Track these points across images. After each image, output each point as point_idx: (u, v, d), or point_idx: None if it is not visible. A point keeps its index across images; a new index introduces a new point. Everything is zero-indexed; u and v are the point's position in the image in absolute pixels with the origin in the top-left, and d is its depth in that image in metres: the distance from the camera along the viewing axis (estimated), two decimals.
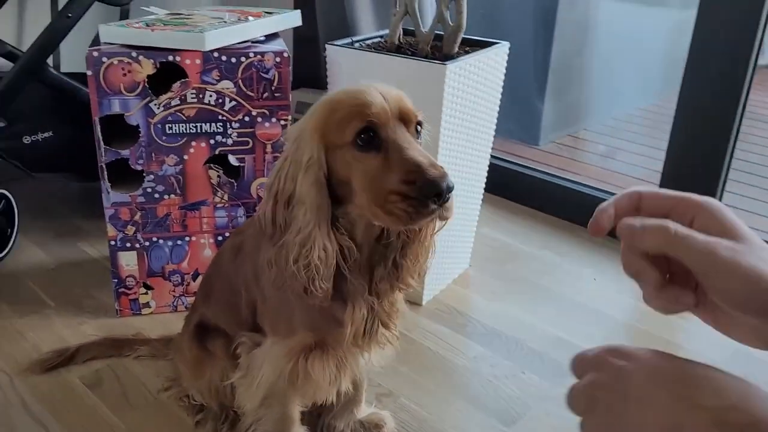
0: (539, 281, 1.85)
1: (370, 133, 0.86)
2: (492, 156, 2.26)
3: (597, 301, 1.75)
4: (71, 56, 2.11)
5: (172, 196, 1.53)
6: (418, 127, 0.92)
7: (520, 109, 3.06)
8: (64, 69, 2.05)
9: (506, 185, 2.31)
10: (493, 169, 1.83)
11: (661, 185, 1.98)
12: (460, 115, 1.57)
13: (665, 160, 1.97)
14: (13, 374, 1.41)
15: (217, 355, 1.21)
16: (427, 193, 0.81)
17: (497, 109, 1.74)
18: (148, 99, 1.42)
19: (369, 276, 0.98)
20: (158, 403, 1.35)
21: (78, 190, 2.26)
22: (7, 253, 1.85)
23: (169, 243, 1.58)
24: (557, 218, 2.20)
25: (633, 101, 3.51)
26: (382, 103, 0.87)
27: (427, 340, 1.58)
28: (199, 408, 1.29)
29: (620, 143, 3.22)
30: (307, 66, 2.59)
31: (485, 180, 1.84)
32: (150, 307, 1.64)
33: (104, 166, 1.46)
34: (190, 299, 1.62)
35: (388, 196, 0.83)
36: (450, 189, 0.82)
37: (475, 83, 1.58)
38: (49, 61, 1.95)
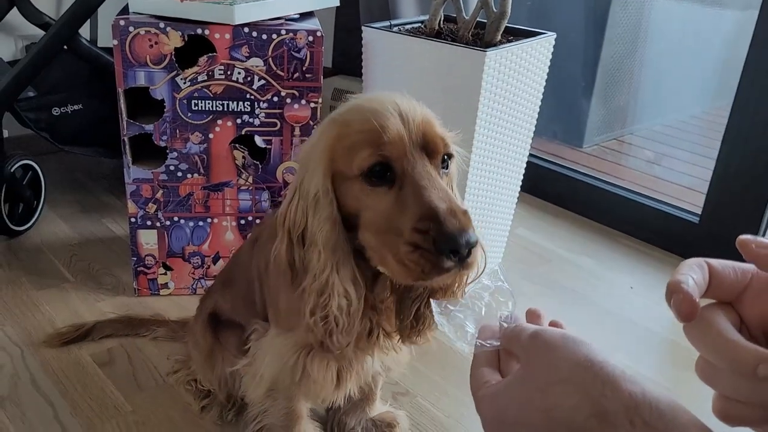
0: (572, 286, 1.76)
1: (382, 167, 0.73)
2: (533, 156, 2.18)
3: (631, 311, 1.66)
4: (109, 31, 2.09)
5: (196, 175, 1.49)
6: (446, 158, 0.78)
7: (565, 109, 2.96)
8: (101, 44, 2.03)
9: (546, 187, 2.22)
10: (533, 169, 1.75)
11: (708, 197, 1.88)
12: (498, 107, 1.49)
13: (713, 171, 1.86)
14: (24, 347, 1.39)
15: (229, 350, 1.16)
16: (442, 248, 0.68)
17: (539, 103, 1.65)
18: (174, 73, 1.38)
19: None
20: (167, 387, 1.31)
21: (109, 167, 2.25)
22: (32, 225, 1.84)
23: (191, 224, 1.54)
24: (597, 223, 2.10)
25: (685, 108, 3.37)
26: (398, 130, 0.73)
27: (449, 339, 1.50)
28: (206, 393, 1.25)
29: (669, 150, 3.09)
30: (347, 55, 2.54)
31: (522, 179, 1.75)
32: (168, 288, 1.60)
33: (127, 140, 1.42)
34: (210, 282, 1.58)
35: (399, 243, 0.71)
36: (470, 245, 0.68)
37: (517, 74, 1.50)
38: (86, 35, 1.94)
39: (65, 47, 1.70)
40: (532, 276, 1.80)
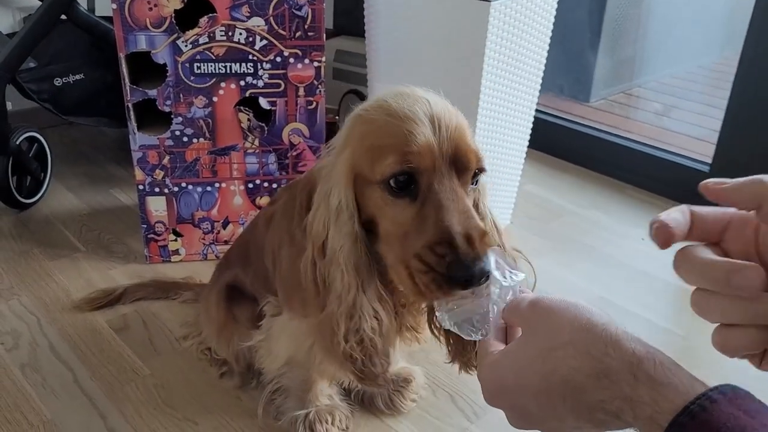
0: (584, 240, 1.76)
1: (406, 177, 0.69)
2: (541, 112, 2.15)
3: (643, 262, 1.65)
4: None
5: (201, 140, 1.48)
6: (477, 172, 0.72)
7: (571, 63, 2.92)
8: (99, 13, 2.01)
9: (554, 142, 2.20)
10: (541, 125, 1.74)
11: (718, 147, 1.86)
12: (504, 59, 1.47)
13: (723, 120, 1.83)
14: (40, 316, 1.40)
15: (242, 323, 1.15)
16: (456, 276, 0.65)
17: (545, 55, 1.63)
18: (175, 35, 1.36)
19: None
20: (183, 350, 1.32)
21: (113, 137, 2.24)
22: (41, 197, 1.84)
23: (199, 189, 1.54)
24: (607, 177, 2.09)
25: (693, 58, 3.31)
26: (428, 139, 0.67)
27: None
28: (223, 361, 1.25)
29: (677, 102, 3.05)
30: (349, 15, 2.50)
31: (530, 134, 1.73)
32: (179, 254, 1.60)
33: (131, 106, 1.41)
34: (221, 248, 1.58)
35: (412, 259, 0.68)
36: (484, 275, 0.64)
37: (523, 24, 1.48)
38: (84, 4, 1.92)
39: (64, 17, 1.68)
40: (542, 231, 1.79)
